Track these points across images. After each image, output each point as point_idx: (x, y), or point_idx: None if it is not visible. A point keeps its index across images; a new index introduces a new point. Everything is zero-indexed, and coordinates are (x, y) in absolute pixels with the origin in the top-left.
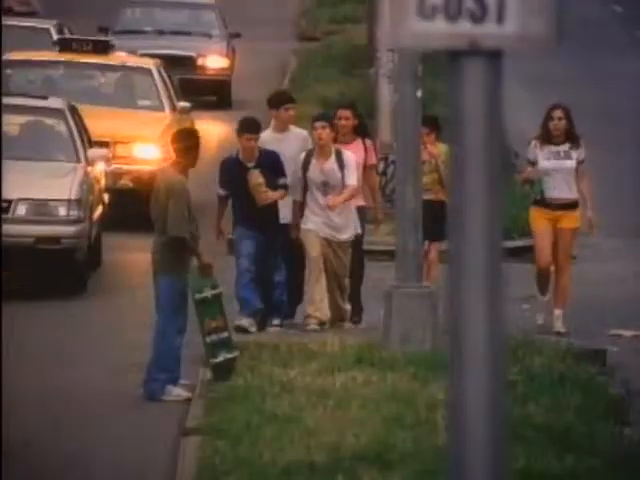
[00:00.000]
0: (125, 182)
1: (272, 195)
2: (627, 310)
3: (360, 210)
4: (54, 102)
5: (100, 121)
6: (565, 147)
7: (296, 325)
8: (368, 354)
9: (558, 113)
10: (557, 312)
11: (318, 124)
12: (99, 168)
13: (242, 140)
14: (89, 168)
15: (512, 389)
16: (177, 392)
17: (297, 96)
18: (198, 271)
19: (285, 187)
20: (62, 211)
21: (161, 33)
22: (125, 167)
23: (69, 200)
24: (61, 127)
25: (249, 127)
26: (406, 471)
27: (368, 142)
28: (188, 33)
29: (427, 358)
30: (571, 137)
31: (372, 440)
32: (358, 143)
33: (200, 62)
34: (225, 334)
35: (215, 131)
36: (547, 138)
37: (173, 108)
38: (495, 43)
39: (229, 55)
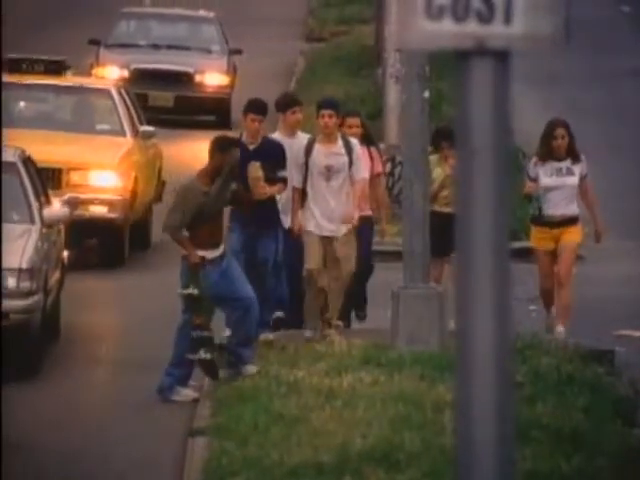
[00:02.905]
0: (81, 212)
1: (270, 190)
2: (635, 311)
3: (368, 219)
4: (5, 154)
5: (52, 147)
6: (567, 163)
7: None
8: (375, 354)
9: (561, 131)
10: (559, 329)
11: (325, 112)
12: (57, 224)
13: (247, 120)
14: (45, 230)
15: (519, 390)
16: (185, 392)
17: (304, 97)
18: (189, 268)
19: (284, 180)
20: (11, 282)
21: (156, 47)
22: (81, 196)
23: (20, 269)
24: (13, 183)
25: (254, 107)
26: (413, 472)
27: (374, 151)
28: (186, 48)
29: (434, 358)
30: (572, 153)
31: (379, 440)
32: (364, 152)
33: (198, 79)
34: (206, 333)
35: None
36: (549, 155)
37: (135, 132)
38: (503, 43)
39: (229, 72)
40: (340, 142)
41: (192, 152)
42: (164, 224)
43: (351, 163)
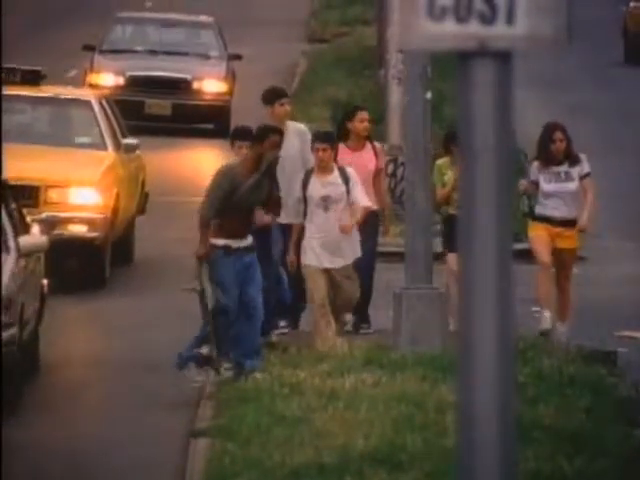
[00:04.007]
0: (60, 232)
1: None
2: (637, 311)
3: (373, 214)
4: None
5: (29, 162)
6: (565, 167)
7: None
8: (377, 355)
9: (559, 135)
10: (561, 329)
11: (320, 146)
12: (37, 253)
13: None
14: (21, 259)
15: (522, 391)
16: (193, 374)
17: (306, 97)
18: (197, 260)
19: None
20: None
21: (153, 53)
22: (59, 215)
23: None
24: None
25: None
26: (415, 473)
27: (377, 146)
28: (184, 53)
29: (436, 359)
30: (570, 156)
31: (381, 441)
32: (368, 148)
33: (196, 86)
34: (209, 328)
35: (211, 163)
36: (547, 159)
37: (118, 145)
38: (505, 44)
39: (228, 78)
40: (336, 172)
41: (190, 162)
42: (199, 212)
43: (348, 192)
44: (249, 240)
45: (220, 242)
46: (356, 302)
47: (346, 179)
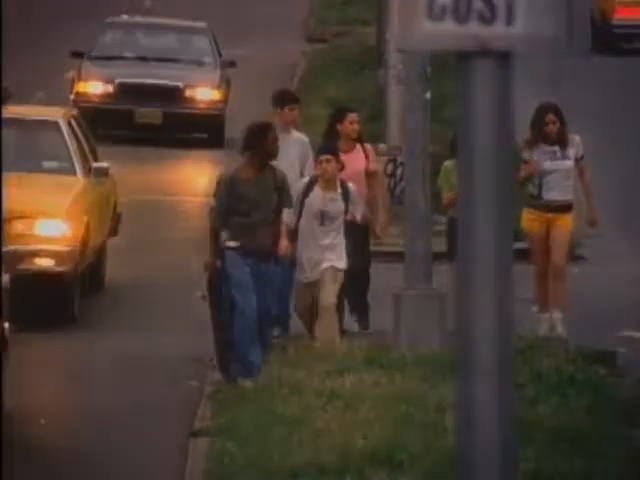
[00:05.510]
0: (26, 267)
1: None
2: (638, 312)
3: (362, 226)
4: None
5: None
6: (557, 147)
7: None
8: (377, 355)
9: (552, 117)
10: (556, 315)
11: (323, 157)
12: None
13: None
14: None
15: (521, 391)
16: (244, 382)
17: (305, 98)
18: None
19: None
20: None
21: (144, 60)
22: (25, 248)
23: None
24: None
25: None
26: (415, 472)
27: (368, 147)
28: (175, 60)
29: (436, 359)
30: (562, 139)
31: (381, 441)
32: (358, 150)
33: (188, 93)
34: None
35: (205, 175)
36: (541, 140)
37: (88, 170)
38: (504, 44)
39: (222, 86)
40: (339, 190)
41: (182, 173)
42: (212, 217)
43: (347, 211)
44: (268, 248)
45: (235, 244)
46: (333, 305)
47: (346, 197)
